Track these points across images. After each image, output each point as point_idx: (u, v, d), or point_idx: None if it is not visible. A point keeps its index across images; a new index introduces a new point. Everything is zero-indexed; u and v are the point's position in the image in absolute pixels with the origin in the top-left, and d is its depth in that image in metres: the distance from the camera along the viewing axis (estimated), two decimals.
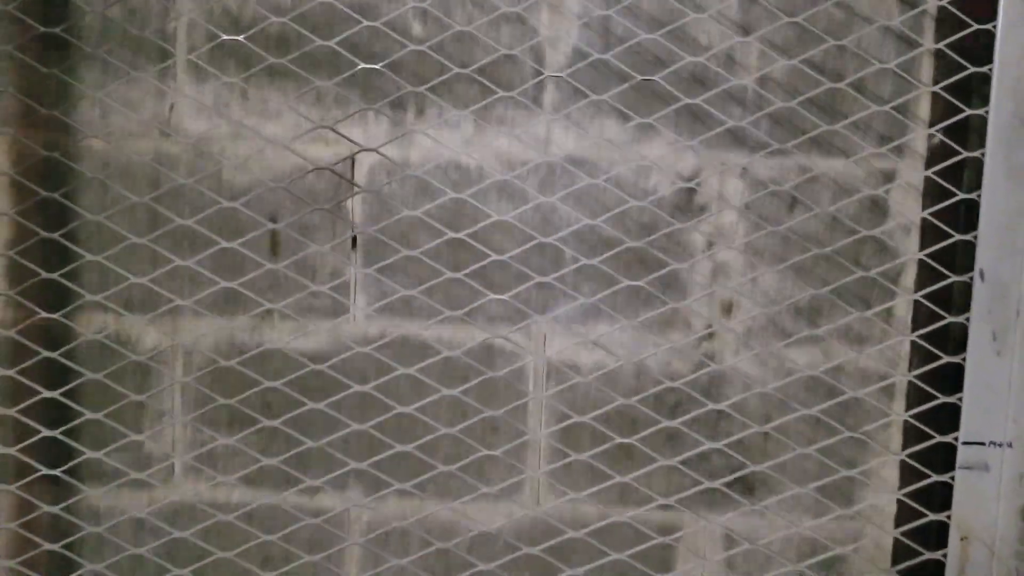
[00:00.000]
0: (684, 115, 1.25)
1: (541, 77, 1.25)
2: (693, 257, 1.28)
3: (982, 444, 1.19)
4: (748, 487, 1.31)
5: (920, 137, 1.25)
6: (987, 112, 1.16)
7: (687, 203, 1.27)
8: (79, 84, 1.27)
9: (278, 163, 1.28)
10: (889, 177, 1.26)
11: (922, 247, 1.23)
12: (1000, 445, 1.18)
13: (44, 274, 1.21)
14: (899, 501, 1.25)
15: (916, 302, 1.26)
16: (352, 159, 1.28)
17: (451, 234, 1.20)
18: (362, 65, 1.18)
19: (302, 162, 1.26)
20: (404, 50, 1.19)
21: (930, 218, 1.20)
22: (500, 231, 1.26)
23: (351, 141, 1.26)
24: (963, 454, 1.19)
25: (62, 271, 1.21)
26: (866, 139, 1.25)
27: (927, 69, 1.25)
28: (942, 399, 1.20)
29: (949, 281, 1.19)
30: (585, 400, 1.29)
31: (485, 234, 1.25)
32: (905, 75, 1.21)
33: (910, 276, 1.27)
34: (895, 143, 1.23)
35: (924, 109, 1.25)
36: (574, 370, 1.29)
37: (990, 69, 1.16)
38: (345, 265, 1.30)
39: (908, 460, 1.22)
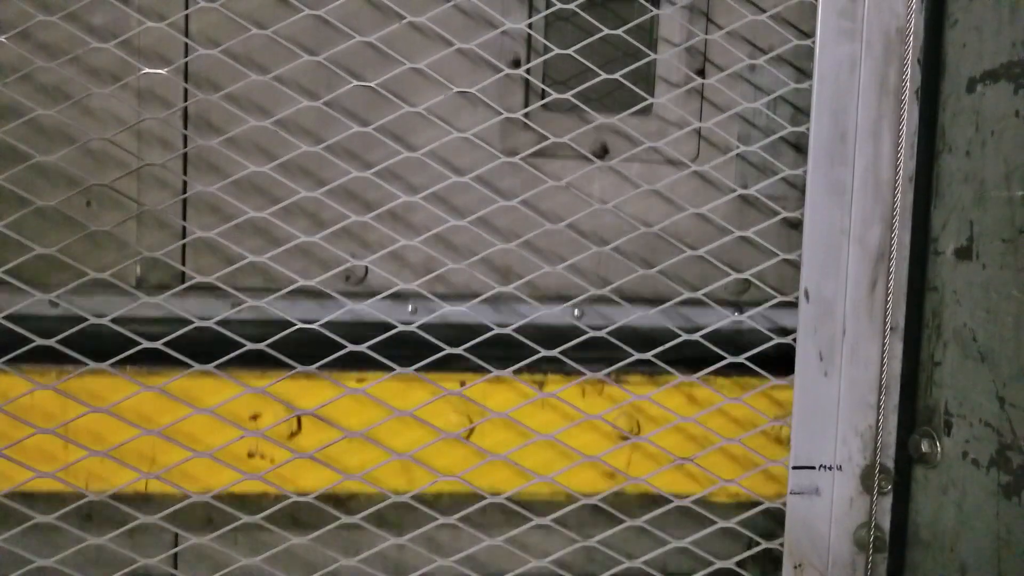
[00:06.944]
0: None
1: None
2: None
3: (812, 468, 1.15)
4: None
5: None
6: (808, 129, 1.14)
7: None
8: None
9: None
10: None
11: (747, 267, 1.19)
12: (830, 468, 1.15)
13: None
14: (732, 531, 1.20)
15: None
16: None
17: None
18: None
19: None
20: None
21: (754, 237, 1.17)
22: None
23: None
24: (794, 479, 1.16)
25: None
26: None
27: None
28: (770, 422, 1.17)
29: (776, 301, 1.16)
30: None
31: None
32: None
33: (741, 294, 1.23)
34: (722, 158, 1.19)
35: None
36: None
37: (811, 85, 1.14)
38: None
39: (740, 486, 1.18)
